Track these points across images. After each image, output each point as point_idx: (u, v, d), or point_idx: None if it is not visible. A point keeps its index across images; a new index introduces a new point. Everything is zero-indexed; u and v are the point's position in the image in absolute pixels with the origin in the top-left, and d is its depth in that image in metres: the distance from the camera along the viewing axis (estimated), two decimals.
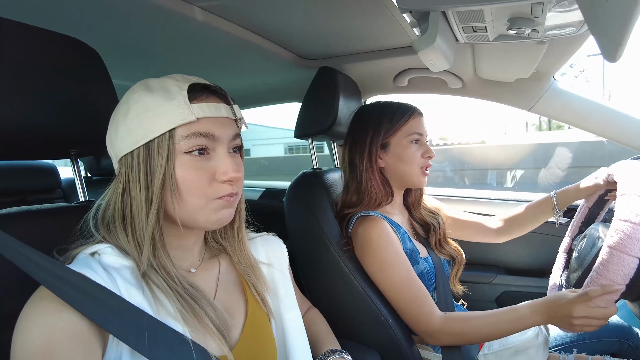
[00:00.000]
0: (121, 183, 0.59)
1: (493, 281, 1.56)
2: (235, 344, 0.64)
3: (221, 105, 0.61)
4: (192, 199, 0.59)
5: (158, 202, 0.57)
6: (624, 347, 1.10)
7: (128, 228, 0.59)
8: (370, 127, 1.12)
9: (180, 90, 0.58)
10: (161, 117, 0.56)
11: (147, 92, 0.58)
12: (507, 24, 0.85)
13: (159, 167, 0.56)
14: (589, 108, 1.27)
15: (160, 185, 0.57)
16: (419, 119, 1.12)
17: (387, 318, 1.01)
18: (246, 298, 0.71)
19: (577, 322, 0.82)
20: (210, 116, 0.59)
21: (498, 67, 1.25)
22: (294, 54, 1.35)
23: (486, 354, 1.00)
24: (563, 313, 0.83)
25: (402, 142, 1.10)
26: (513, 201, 1.60)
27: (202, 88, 0.61)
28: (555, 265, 1.14)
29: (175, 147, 0.57)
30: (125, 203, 0.59)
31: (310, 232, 1.09)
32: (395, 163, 1.11)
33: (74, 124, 0.69)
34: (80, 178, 0.80)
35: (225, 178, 0.59)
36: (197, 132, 0.58)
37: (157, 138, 0.57)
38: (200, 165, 0.59)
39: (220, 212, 0.61)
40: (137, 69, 1.39)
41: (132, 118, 0.57)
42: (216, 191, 0.60)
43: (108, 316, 0.49)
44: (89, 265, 0.54)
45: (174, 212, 0.58)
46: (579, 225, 1.13)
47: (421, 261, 1.07)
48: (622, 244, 0.78)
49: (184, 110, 0.57)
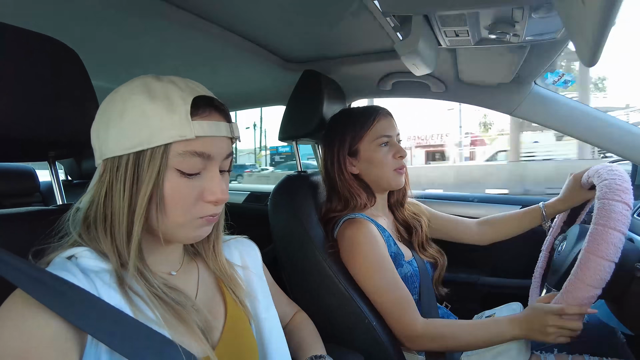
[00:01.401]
0: (104, 187, 0.57)
1: (477, 282, 1.57)
2: (217, 343, 0.63)
3: (222, 123, 0.59)
4: (176, 215, 0.57)
5: (143, 214, 0.55)
6: (603, 346, 1.12)
7: (108, 233, 0.57)
8: (336, 136, 1.13)
9: (184, 103, 0.55)
10: (159, 129, 0.54)
11: (147, 98, 0.55)
12: (488, 29, 0.86)
13: (147, 179, 0.54)
14: (571, 112, 1.29)
15: (147, 198, 0.55)
16: (385, 120, 1.12)
17: (372, 321, 1.01)
18: (225, 299, 0.70)
19: (551, 331, 0.84)
20: (210, 135, 0.57)
21: (480, 71, 1.26)
22: (279, 57, 1.35)
23: (469, 356, 1.01)
24: (538, 324, 0.86)
25: (370, 146, 1.10)
26: (495, 202, 1.62)
27: (206, 104, 0.58)
28: (537, 264, 1.16)
29: (167, 162, 0.55)
30: (106, 207, 0.57)
31: (295, 235, 1.09)
32: (367, 168, 1.12)
33: (51, 125, 0.67)
34: (57, 181, 0.78)
35: (212, 199, 0.58)
36: (194, 151, 0.55)
37: (150, 149, 0.54)
38: (190, 184, 0.57)
39: (199, 230, 0.60)
40: (119, 71, 1.36)
41: (128, 122, 0.54)
42: (200, 210, 0.58)
43: (86, 316, 0.48)
44: (67, 269, 0.52)
45: (157, 226, 0.57)
46: (560, 225, 1.15)
47: (405, 264, 1.08)
48: (599, 249, 0.80)
49: (184, 126, 0.54)
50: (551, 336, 0.85)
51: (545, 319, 0.85)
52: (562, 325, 0.84)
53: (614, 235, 0.79)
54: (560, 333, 0.84)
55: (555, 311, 0.84)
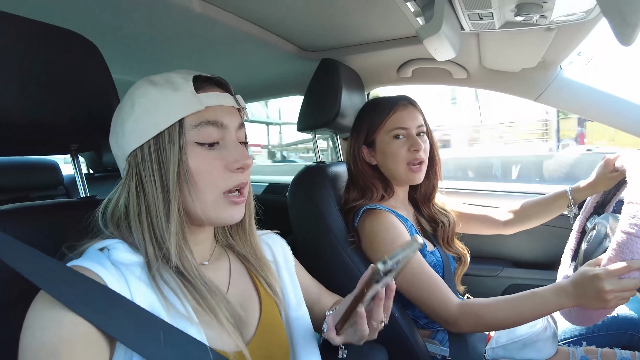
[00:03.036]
0: (133, 180, 0.58)
1: (499, 274, 1.54)
2: (251, 339, 0.63)
3: (226, 94, 0.62)
4: (206, 190, 0.58)
5: (177, 195, 0.57)
6: (634, 340, 1.08)
7: (145, 224, 0.57)
8: (356, 126, 1.14)
9: (186, 81, 0.58)
10: (169, 108, 0.56)
11: (151, 86, 0.58)
12: (514, 10, 0.83)
13: (172, 158, 0.56)
14: (597, 98, 1.25)
15: (176, 177, 0.56)
16: (404, 111, 1.08)
17: (394, 312, 0.99)
18: (259, 292, 0.70)
19: (611, 297, 0.76)
20: (218, 105, 0.59)
21: (504, 56, 1.22)
22: (295, 45, 1.33)
23: (494, 348, 0.99)
24: (593, 290, 0.78)
25: (385, 138, 1.09)
26: (518, 193, 1.58)
27: (206, 79, 0.61)
28: (567, 245, 1.12)
29: (185, 137, 0.57)
30: (139, 199, 0.58)
31: (314, 226, 1.08)
32: (383, 160, 1.10)
33: (73, 118, 0.68)
34: (80, 173, 0.79)
35: (237, 165, 0.59)
36: (207, 120, 0.58)
37: (167, 129, 0.56)
38: (212, 155, 0.59)
39: (229, 211, 0.61)
40: (135, 63, 1.37)
41: (140, 113, 0.57)
42: (228, 182, 0.59)
43: (114, 322, 0.48)
44: (99, 261, 0.53)
45: (193, 205, 0.58)
46: (593, 205, 1.10)
47: (428, 254, 1.06)
48: (622, 258, 0.77)
49: (192, 100, 0.57)
50: (611, 302, 0.77)
51: (602, 284, 0.76)
52: (623, 287, 0.76)
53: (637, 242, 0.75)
54: (621, 296, 0.77)
55: (613, 272, 0.76)
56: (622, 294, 0.76)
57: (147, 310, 0.51)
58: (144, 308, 0.51)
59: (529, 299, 0.87)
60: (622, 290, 0.76)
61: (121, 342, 0.48)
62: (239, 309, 0.62)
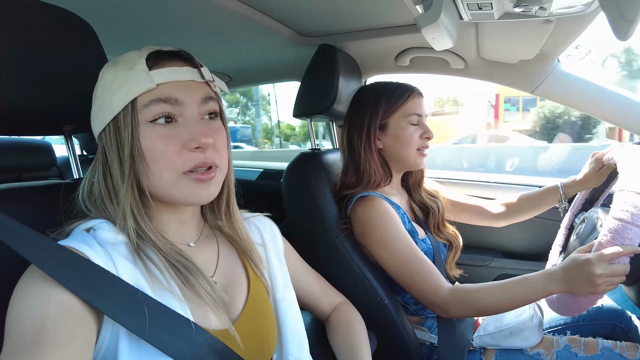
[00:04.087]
0: (100, 161, 0.59)
1: (490, 264, 1.57)
2: (237, 317, 0.64)
3: (185, 68, 0.58)
4: (161, 171, 0.56)
5: (130, 175, 0.56)
6: (617, 330, 1.11)
7: (114, 202, 0.59)
8: (368, 107, 1.10)
9: (140, 58, 0.56)
10: (121, 88, 0.56)
11: (112, 66, 0.58)
12: (513, 1, 0.83)
13: (127, 139, 0.55)
14: (594, 92, 1.25)
15: (129, 157, 0.56)
16: (418, 99, 1.10)
17: (384, 299, 1.01)
18: (247, 273, 0.71)
19: (601, 281, 0.78)
20: (171, 80, 0.57)
21: (502, 47, 1.22)
22: (294, 30, 1.31)
23: (481, 336, 1.01)
24: (584, 274, 0.79)
25: (401, 123, 1.08)
26: (513, 185, 1.59)
27: (164, 54, 0.59)
28: (555, 242, 1.14)
29: (138, 118, 0.56)
30: (106, 179, 0.59)
31: (308, 213, 1.09)
32: (393, 144, 1.10)
33: (66, 99, 0.67)
34: (74, 155, 0.79)
35: (194, 145, 0.56)
36: (157, 98, 0.56)
37: (122, 111, 0.56)
38: (167, 134, 0.56)
39: (196, 191, 0.58)
40: (131, 44, 1.35)
41: (100, 95, 0.58)
42: (186, 162, 0.57)
43: (100, 295, 0.48)
44: (85, 241, 0.53)
45: (145, 185, 0.57)
46: (582, 203, 1.12)
47: (419, 242, 1.07)
48: (613, 244, 0.78)
49: (142, 78, 0.55)
50: (601, 287, 0.78)
51: (593, 269, 0.77)
52: (613, 272, 0.77)
53: (629, 229, 0.76)
54: (611, 281, 0.78)
55: (605, 257, 0.77)
56: (611, 279, 0.78)
57: (133, 285, 0.52)
58: (130, 284, 0.52)
59: (520, 284, 0.89)
60: (612, 275, 0.78)
61: (109, 315, 0.48)
62: (225, 291, 0.63)
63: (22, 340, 0.43)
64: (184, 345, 0.52)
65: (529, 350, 0.97)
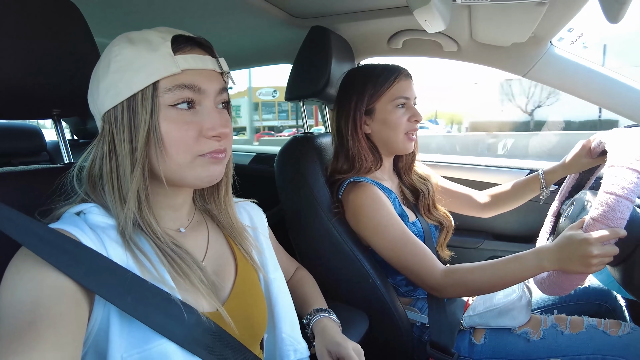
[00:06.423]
0: (106, 140, 0.57)
1: (480, 246, 1.59)
2: (226, 299, 0.65)
3: (207, 57, 0.59)
4: (178, 155, 0.56)
5: (143, 158, 0.55)
6: (602, 309, 1.14)
7: (115, 186, 0.57)
8: (354, 92, 1.10)
9: (164, 41, 0.55)
10: (144, 69, 0.54)
11: (129, 44, 0.55)
12: None
13: (143, 121, 0.54)
14: (586, 75, 1.25)
15: (144, 140, 0.55)
16: (405, 81, 1.09)
17: (375, 280, 1.03)
18: (235, 256, 0.72)
19: (596, 261, 0.79)
20: (196, 68, 0.57)
21: (495, 30, 1.21)
22: (285, 12, 1.29)
23: (471, 316, 1.03)
24: (579, 253, 0.80)
25: (387, 107, 1.08)
26: (504, 168, 1.61)
27: (187, 40, 0.58)
28: (542, 229, 1.16)
29: (159, 101, 0.55)
30: (111, 160, 0.57)
31: (301, 196, 1.09)
32: (380, 129, 1.10)
33: (54, 82, 0.66)
34: (63, 139, 0.78)
35: (212, 133, 0.57)
36: (182, 84, 0.55)
37: (141, 91, 0.54)
38: (187, 119, 0.57)
39: (210, 169, 0.59)
40: (118, 26, 1.32)
41: (114, 72, 0.55)
42: (203, 147, 0.58)
43: (91, 275, 0.49)
44: (76, 224, 0.53)
45: (159, 168, 0.57)
46: (568, 190, 1.13)
47: (409, 225, 1.08)
48: (605, 217, 0.79)
49: (167, 62, 0.54)
50: (594, 267, 0.80)
51: (590, 249, 0.78)
52: (606, 253, 0.79)
53: (621, 203, 0.78)
54: (603, 261, 0.80)
55: (602, 238, 0.78)
56: (603, 259, 0.80)
57: (123, 266, 0.52)
58: (120, 265, 0.52)
59: (513, 263, 0.90)
60: (605, 255, 0.79)
61: (100, 295, 0.49)
62: (214, 275, 0.63)
63: (15, 322, 0.43)
64: (176, 326, 0.53)
65: (517, 330, 1.00)
